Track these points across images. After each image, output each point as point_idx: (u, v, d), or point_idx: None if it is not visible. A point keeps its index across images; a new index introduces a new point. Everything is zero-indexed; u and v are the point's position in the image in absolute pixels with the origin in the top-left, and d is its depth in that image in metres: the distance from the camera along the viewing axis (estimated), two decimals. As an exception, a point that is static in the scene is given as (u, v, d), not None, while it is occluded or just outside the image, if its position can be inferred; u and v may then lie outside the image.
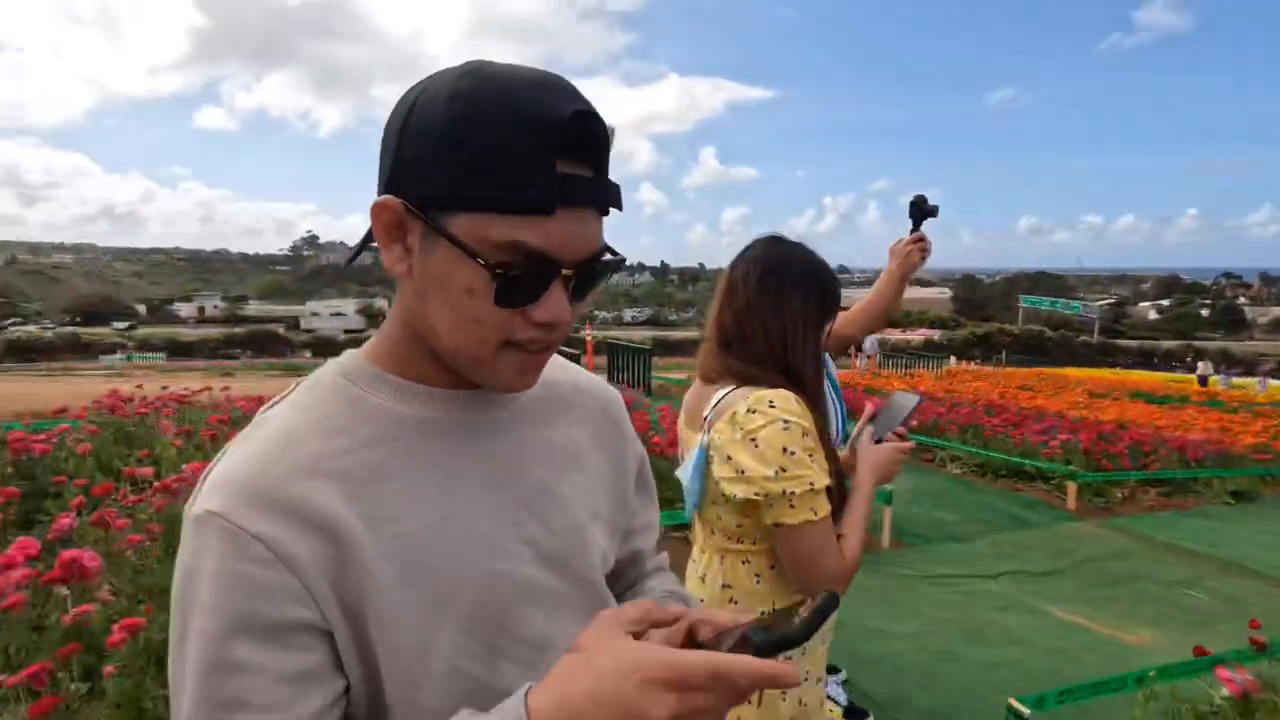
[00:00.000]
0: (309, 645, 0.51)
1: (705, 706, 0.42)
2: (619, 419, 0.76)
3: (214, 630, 0.48)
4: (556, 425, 0.68)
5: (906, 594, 3.96)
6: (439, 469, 0.58)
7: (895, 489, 6.34)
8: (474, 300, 0.51)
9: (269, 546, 0.49)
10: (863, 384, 13.14)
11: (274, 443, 0.54)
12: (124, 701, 1.92)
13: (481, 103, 0.49)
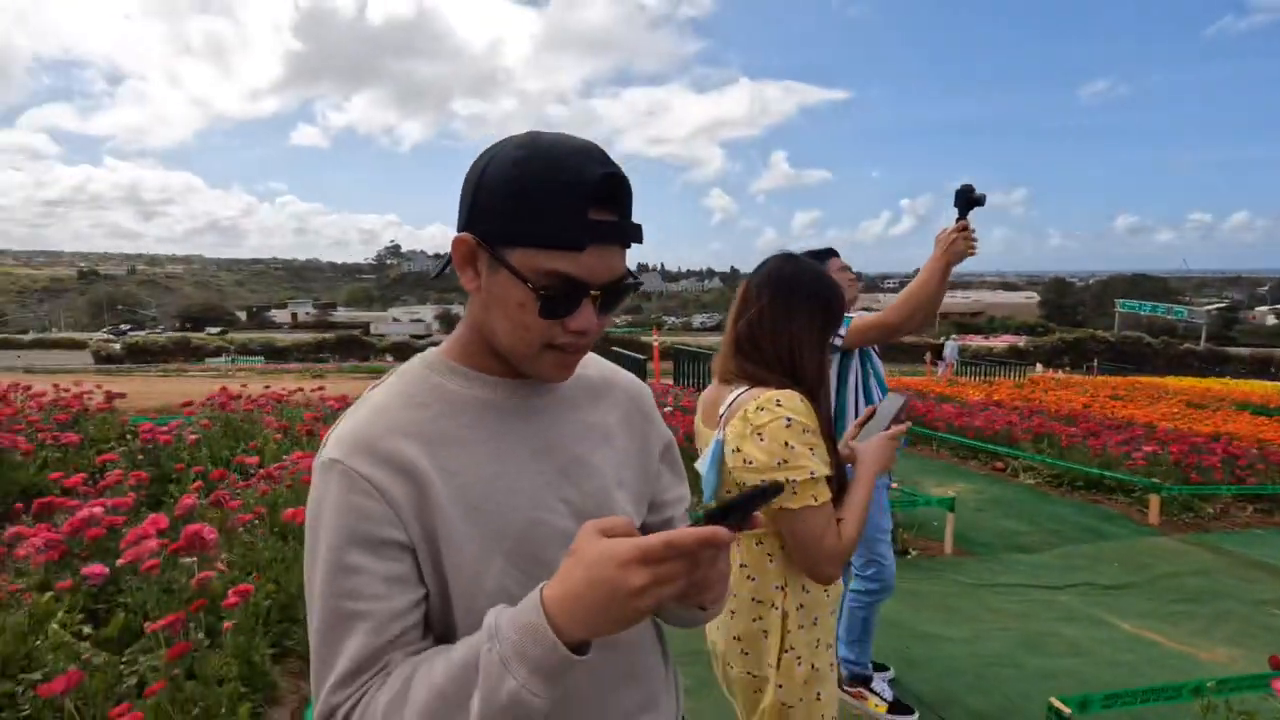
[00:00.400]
0: (399, 557, 0.69)
1: (668, 572, 0.57)
2: (645, 408, 0.93)
3: (335, 542, 0.68)
4: (591, 410, 0.85)
5: (964, 600, 3.93)
6: (493, 439, 0.76)
7: (961, 496, 6.24)
8: (524, 313, 0.69)
9: (372, 484, 0.68)
10: (936, 391, 12.78)
11: (375, 412, 0.74)
12: (238, 654, 2.22)
13: (535, 167, 0.67)
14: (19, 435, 4.34)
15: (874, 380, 2.69)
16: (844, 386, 2.62)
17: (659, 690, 0.86)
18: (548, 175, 0.66)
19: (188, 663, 2.00)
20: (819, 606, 1.34)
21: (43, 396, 5.63)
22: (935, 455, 8.16)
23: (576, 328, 0.70)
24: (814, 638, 1.33)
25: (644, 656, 0.85)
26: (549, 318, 0.69)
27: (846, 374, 2.61)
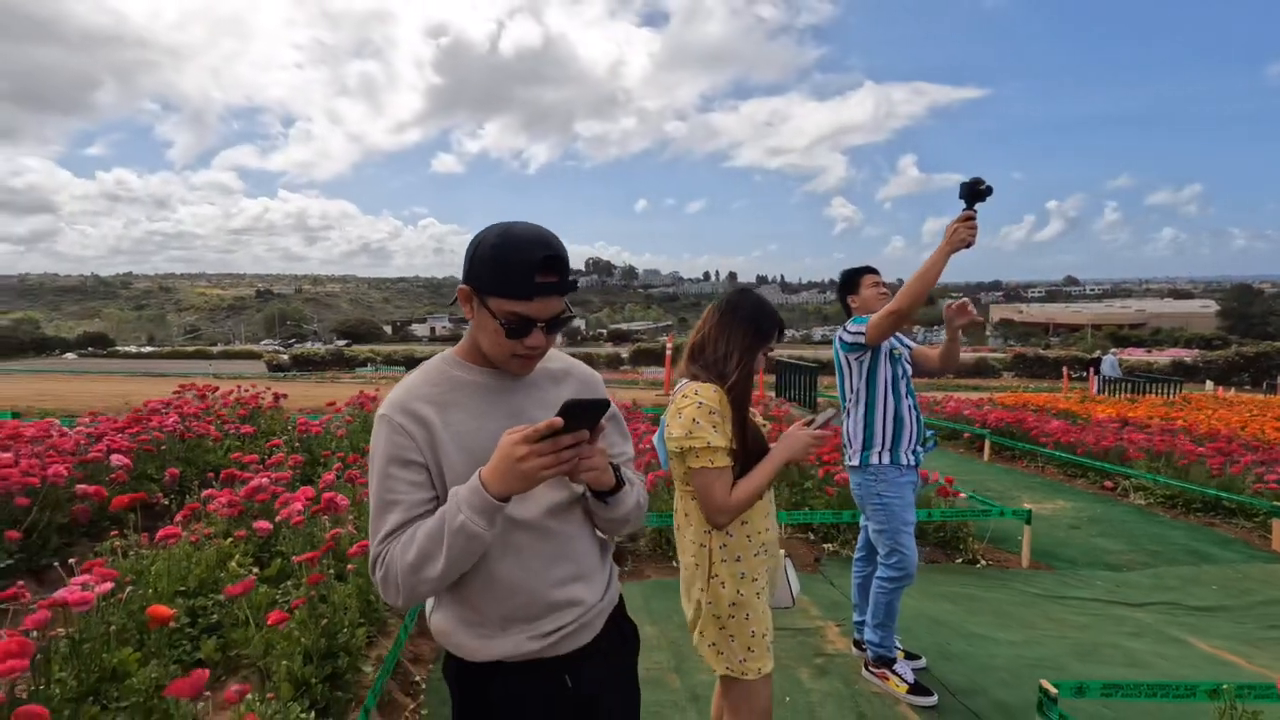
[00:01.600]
0: (419, 471, 1.16)
1: (538, 449, 1.01)
2: (597, 388, 1.36)
3: (382, 461, 1.16)
4: (551, 390, 1.30)
5: (1027, 610, 3.95)
6: (479, 405, 1.22)
7: (1056, 514, 6.05)
8: (497, 336, 1.15)
9: (403, 427, 1.16)
10: (1061, 407, 11.99)
11: (407, 386, 1.22)
12: (359, 593, 2.85)
13: (505, 249, 1.12)
14: (211, 426, 5.43)
15: (904, 382, 2.93)
16: (873, 385, 2.88)
17: (591, 568, 1.28)
18: (512, 254, 1.11)
19: (322, 591, 2.64)
20: (741, 548, 1.72)
21: (229, 395, 6.88)
22: (1040, 472, 7.83)
23: (529, 345, 1.16)
24: (738, 571, 1.71)
25: (577, 544, 1.26)
26: (511, 339, 1.15)
27: (875, 375, 2.87)
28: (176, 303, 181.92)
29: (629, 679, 1.38)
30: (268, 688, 2.23)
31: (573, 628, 1.23)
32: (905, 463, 2.82)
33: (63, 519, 3.58)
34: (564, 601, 1.22)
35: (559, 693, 1.23)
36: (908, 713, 2.75)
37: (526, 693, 1.22)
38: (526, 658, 1.20)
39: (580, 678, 1.25)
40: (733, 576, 1.73)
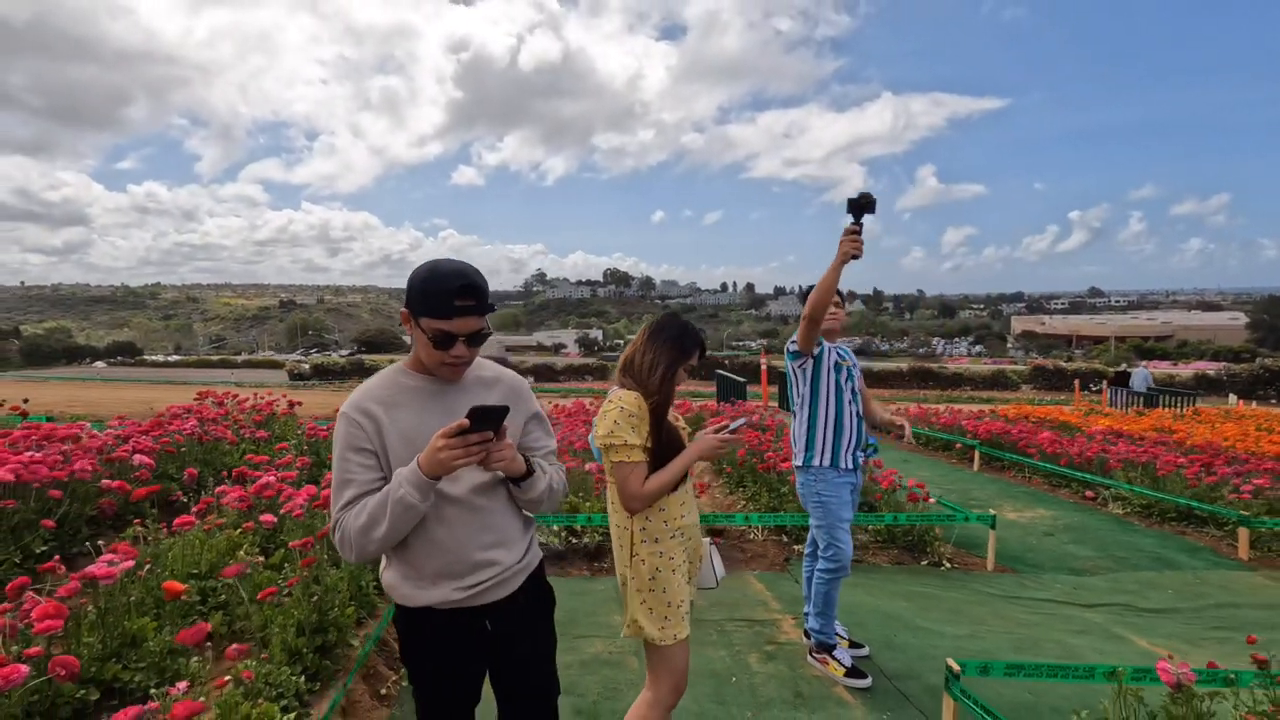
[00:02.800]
0: (370, 457, 1.48)
1: (450, 444, 1.34)
2: (521, 392, 1.68)
3: (339, 448, 1.49)
4: (481, 394, 1.62)
5: (980, 608, 4.18)
6: (419, 406, 1.54)
7: (1034, 521, 6.25)
8: (428, 348, 1.48)
9: (357, 421, 1.49)
10: (1060, 419, 12.09)
11: (364, 388, 1.55)
12: (349, 576, 3.18)
13: (432, 280, 1.45)
14: (228, 430, 5.82)
15: (848, 392, 3.19)
16: (816, 392, 3.16)
17: (511, 537, 1.59)
18: (436, 284, 1.44)
19: (316, 574, 2.97)
20: (659, 531, 2.01)
21: (245, 402, 7.30)
22: (1027, 482, 7.99)
23: (454, 355, 1.48)
24: (656, 550, 2.01)
25: (499, 517, 1.58)
26: (439, 350, 1.47)
27: (818, 383, 3.16)
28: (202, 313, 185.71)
29: (543, 628, 1.69)
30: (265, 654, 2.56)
31: (491, 583, 1.54)
32: (844, 465, 3.10)
33: (91, 511, 3.96)
34: (484, 562, 1.54)
35: (480, 633, 1.55)
36: (843, 694, 3.02)
37: (453, 632, 1.53)
38: (453, 605, 1.52)
39: (498, 623, 1.57)
40: (651, 555, 2.03)
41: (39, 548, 3.48)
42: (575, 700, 2.87)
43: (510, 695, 1.65)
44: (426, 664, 1.56)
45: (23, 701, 2.08)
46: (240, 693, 2.14)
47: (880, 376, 38.60)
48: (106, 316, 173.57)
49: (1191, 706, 2.31)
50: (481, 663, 1.60)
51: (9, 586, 2.46)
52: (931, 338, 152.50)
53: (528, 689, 1.66)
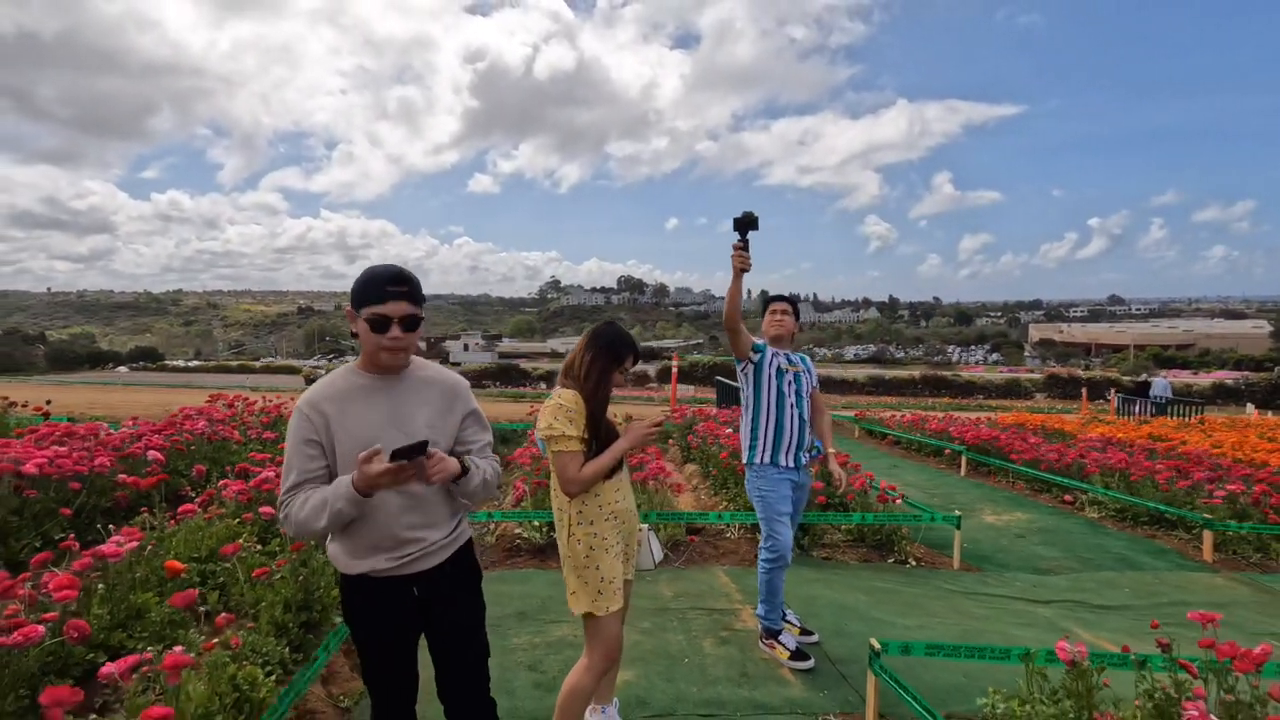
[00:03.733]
0: (316, 448, 1.75)
1: (380, 470, 1.58)
2: (458, 391, 1.95)
3: (292, 439, 1.76)
4: (422, 390, 1.89)
5: (936, 602, 4.39)
6: (366, 401, 1.81)
7: (1010, 524, 6.43)
8: (368, 334, 1.75)
9: (308, 416, 1.76)
10: (1055, 426, 12.16)
11: (318, 386, 1.84)
12: (336, 561, 3.47)
13: (366, 274, 1.75)
14: (235, 430, 6.17)
15: (791, 395, 3.43)
16: (758, 395, 3.42)
17: (438, 518, 1.85)
18: (370, 276, 1.73)
19: (304, 557, 3.27)
20: (594, 514, 2.28)
21: (254, 404, 7.66)
22: (1011, 487, 8.15)
23: (391, 337, 1.74)
24: (591, 532, 2.27)
25: (429, 501, 1.83)
26: (377, 333, 1.74)
27: (760, 386, 3.42)
28: (223, 319, 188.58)
29: (467, 597, 1.94)
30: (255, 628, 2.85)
31: (417, 555, 1.81)
32: (784, 464, 3.35)
33: (107, 504, 4.30)
34: (411, 539, 1.80)
35: (409, 598, 1.82)
36: (787, 674, 3.25)
37: (386, 597, 1.81)
38: (384, 574, 1.79)
39: (425, 589, 1.83)
40: (586, 535, 2.30)
41: (57, 534, 3.81)
42: (538, 676, 3.14)
43: (444, 658, 1.91)
44: (366, 626, 1.83)
45: (40, 660, 2.38)
46: (228, 655, 2.43)
47: (892, 384, 38.58)
48: (130, 322, 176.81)
49: (1084, 681, 2.53)
50: (413, 626, 1.86)
51: (32, 560, 2.77)
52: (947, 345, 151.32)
53: (458, 652, 1.91)
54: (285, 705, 2.39)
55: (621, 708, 2.80)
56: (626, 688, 3.03)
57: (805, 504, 3.64)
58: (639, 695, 2.99)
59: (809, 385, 3.55)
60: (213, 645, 2.40)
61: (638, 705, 2.91)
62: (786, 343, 3.56)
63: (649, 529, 2.59)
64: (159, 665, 2.06)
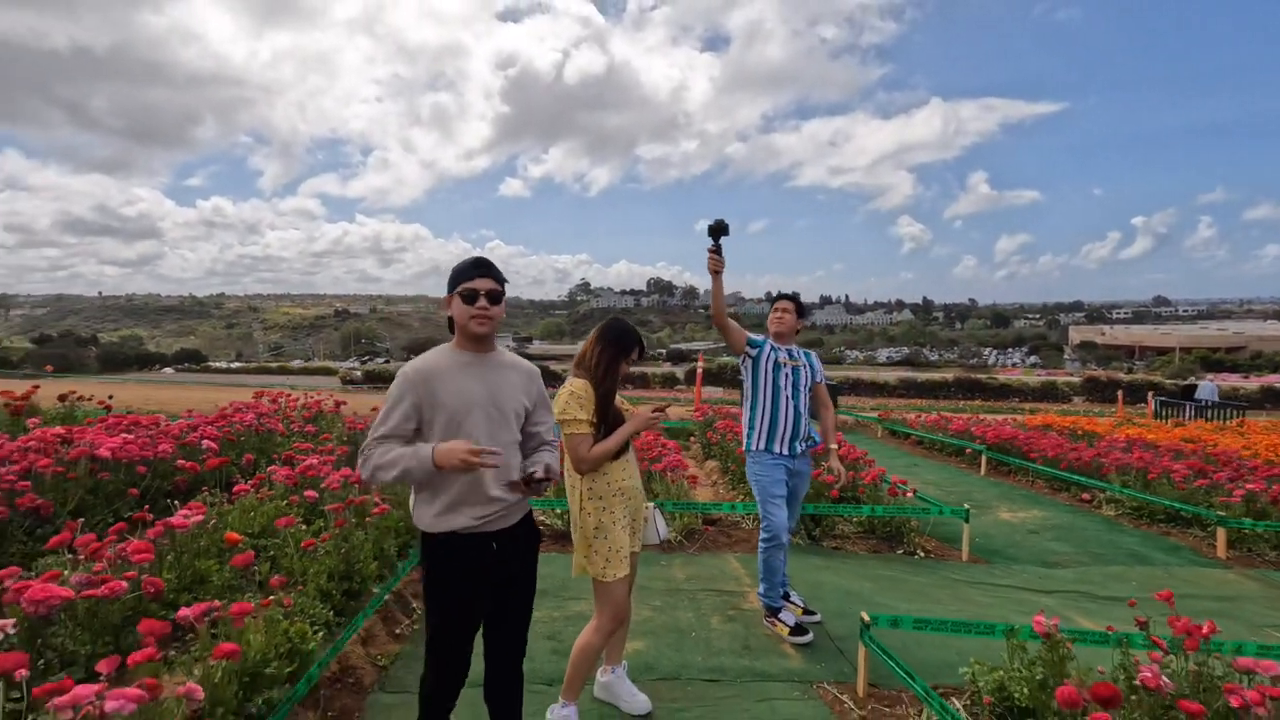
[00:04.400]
0: (411, 408, 2.03)
1: (470, 455, 1.88)
2: (532, 375, 2.25)
3: (393, 396, 2.05)
4: (509, 371, 2.19)
5: (940, 590, 4.56)
6: (461, 374, 2.11)
7: (1025, 521, 6.52)
8: (460, 305, 2.07)
9: (413, 380, 2.05)
10: (1085, 428, 12.08)
11: (423, 358, 2.12)
12: (375, 537, 3.80)
13: (460, 263, 2.10)
14: (279, 423, 6.59)
15: (788, 387, 3.67)
16: (755, 386, 3.68)
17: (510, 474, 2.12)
18: (463, 263, 2.08)
19: (346, 533, 3.60)
20: (602, 491, 2.55)
21: (296, 400, 8.11)
22: (1031, 486, 8.20)
23: (479, 307, 2.05)
24: (600, 507, 2.54)
25: (509, 470, 2.08)
26: (467, 305, 2.05)
27: (757, 378, 3.68)
28: (262, 321, 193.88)
29: (531, 556, 2.23)
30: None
31: (499, 513, 2.08)
32: (778, 451, 3.59)
33: (168, 486, 4.70)
34: (495, 498, 2.07)
35: (488, 552, 2.08)
36: (788, 649, 3.48)
37: (469, 551, 2.07)
38: (470, 530, 2.05)
39: (502, 545, 2.11)
40: (595, 510, 2.57)
41: (126, 513, 4.21)
42: (555, 644, 3.41)
43: (504, 605, 2.16)
44: (448, 578, 2.06)
45: (122, 612, 2.73)
46: (281, 613, 2.75)
47: (925, 387, 38.03)
48: (175, 325, 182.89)
49: (1056, 651, 2.72)
50: (489, 579, 2.09)
51: (112, 529, 3.14)
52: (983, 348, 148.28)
53: (517, 597, 2.20)
54: (329, 656, 2.71)
55: (630, 671, 3.06)
56: (637, 655, 3.29)
57: (805, 492, 3.85)
58: (648, 662, 3.25)
59: (808, 379, 3.77)
60: (269, 602, 2.73)
61: (645, 670, 3.16)
62: (788, 338, 3.79)
63: (654, 507, 2.84)
64: (226, 613, 2.38)
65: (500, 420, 2.10)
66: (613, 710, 2.83)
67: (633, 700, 2.82)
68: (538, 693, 2.86)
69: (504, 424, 2.10)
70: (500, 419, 2.10)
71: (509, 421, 2.12)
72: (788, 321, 3.78)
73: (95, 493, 4.21)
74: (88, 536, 2.97)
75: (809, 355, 3.84)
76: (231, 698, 2.29)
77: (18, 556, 3.45)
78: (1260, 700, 2.10)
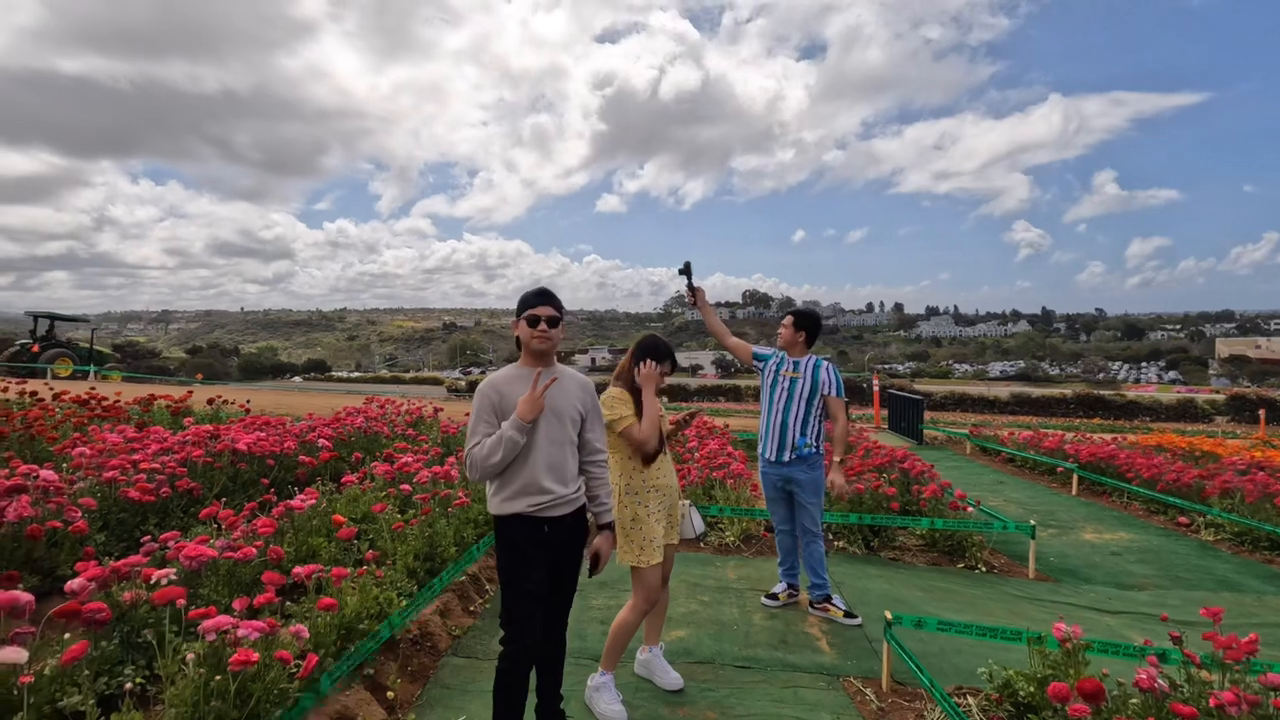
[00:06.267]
0: (493, 416, 2.46)
1: (535, 395, 2.42)
2: (588, 388, 2.67)
3: (476, 408, 2.51)
4: (566, 384, 2.61)
5: (996, 604, 4.56)
6: (526, 384, 2.52)
7: (1111, 543, 6.30)
8: (525, 329, 2.50)
9: (489, 393, 2.50)
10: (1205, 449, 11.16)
11: (495, 375, 2.58)
12: (456, 526, 4.33)
13: (525, 293, 2.54)
14: (385, 426, 7.39)
15: (782, 398, 3.96)
16: (763, 396, 4.11)
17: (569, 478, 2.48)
18: (526, 293, 2.52)
19: (430, 520, 4.14)
20: (639, 486, 2.91)
21: (400, 406, 9.00)
22: (1125, 508, 7.77)
23: (540, 330, 2.46)
24: (636, 501, 2.91)
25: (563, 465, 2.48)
26: (531, 328, 2.49)
27: (764, 388, 4.13)
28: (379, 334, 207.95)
29: (577, 544, 2.54)
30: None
31: (550, 502, 2.42)
32: (767, 458, 4.04)
33: (291, 478, 5.49)
34: (549, 489, 2.42)
35: (540, 534, 2.43)
36: (822, 645, 3.68)
37: (528, 531, 2.42)
38: (528, 513, 2.40)
39: (554, 532, 2.45)
40: (631, 503, 2.93)
41: (258, 497, 4.99)
42: (605, 627, 3.78)
43: (553, 584, 2.49)
44: (513, 549, 2.41)
45: (252, 574, 3.36)
46: (374, 581, 3.29)
47: (1040, 403, 35.57)
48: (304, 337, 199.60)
49: (1073, 659, 2.80)
50: (544, 557, 2.42)
51: (244, 508, 3.83)
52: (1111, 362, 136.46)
53: (562, 581, 2.54)
54: (409, 614, 3.21)
55: (669, 654, 3.39)
56: (678, 641, 3.61)
57: (810, 500, 4.01)
58: (687, 647, 3.56)
59: (805, 390, 3.96)
60: (363, 572, 3.27)
61: (684, 654, 3.48)
62: (796, 350, 4.07)
63: (690, 504, 3.18)
64: (329, 574, 2.93)
65: (557, 423, 2.48)
66: (648, 685, 3.17)
67: (666, 677, 3.15)
68: (586, 666, 3.24)
69: (560, 426, 2.48)
70: (557, 422, 2.48)
71: (565, 424, 2.50)
72: (784, 335, 4.13)
73: (234, 479, 5.01)
74: (227, 512, 3.65)
75: (818, 368, 4.02)
76: (331, 643, 2.83)
77: (176, 527, 4.23)
78: (1235, 699, 2.16)
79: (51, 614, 2.37)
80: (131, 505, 4.04)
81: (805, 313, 4.15)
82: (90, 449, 4.50)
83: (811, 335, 4.11)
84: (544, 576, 2.45)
